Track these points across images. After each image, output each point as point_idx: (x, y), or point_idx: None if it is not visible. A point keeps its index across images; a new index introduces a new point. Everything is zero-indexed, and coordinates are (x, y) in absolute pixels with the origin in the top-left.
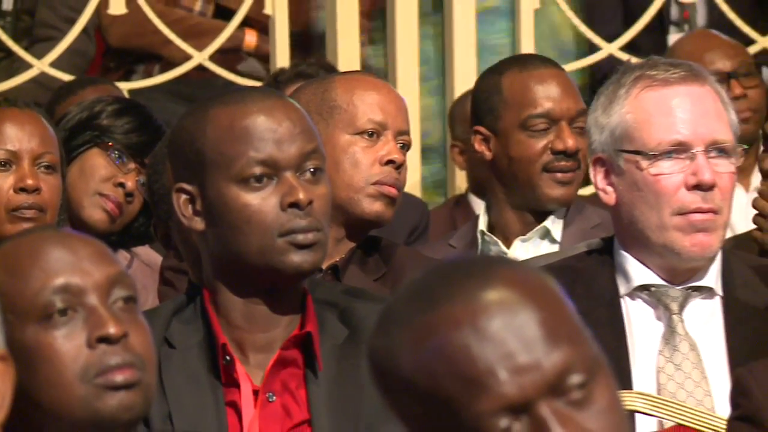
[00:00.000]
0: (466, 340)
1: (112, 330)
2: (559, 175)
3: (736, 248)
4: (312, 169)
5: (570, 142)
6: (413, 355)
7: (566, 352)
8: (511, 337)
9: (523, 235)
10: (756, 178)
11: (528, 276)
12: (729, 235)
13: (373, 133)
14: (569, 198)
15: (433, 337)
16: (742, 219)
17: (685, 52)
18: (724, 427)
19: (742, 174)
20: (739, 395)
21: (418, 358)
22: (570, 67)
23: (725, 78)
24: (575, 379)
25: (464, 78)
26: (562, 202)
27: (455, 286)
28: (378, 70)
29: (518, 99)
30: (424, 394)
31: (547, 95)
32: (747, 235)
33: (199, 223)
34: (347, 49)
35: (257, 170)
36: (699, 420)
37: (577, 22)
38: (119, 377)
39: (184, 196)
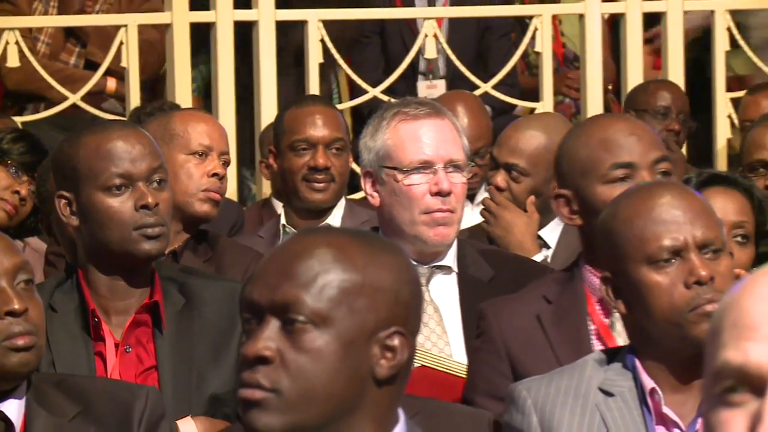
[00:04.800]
0: (268, 254)
1: (16, 306)
2: (315, 184)
3: (470, 237)
4: (158, 180)
5: (320, 161)
6: None
7: (298, 295)
8: (279, 264)
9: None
10: (480, 197)
11: (343, 241)
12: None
13: (202, 153)
14: (324, 201)
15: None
16: (466, 225)
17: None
18: (459, 368)
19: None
20: (479, 321)
21: None
22: (343, 106)
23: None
24: (296, 315)
25: (269, 110)
26: (318, 203)
27: (303, 231)
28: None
29: (290, 127)
30: None
31: (308, 125)
32: (478, 227)
33: (75, 221)
34: (182, 92)
35: (117, 181)
36: (439, 363)
37: (349, 71)
38: (21, 342)
39: (63, 201)
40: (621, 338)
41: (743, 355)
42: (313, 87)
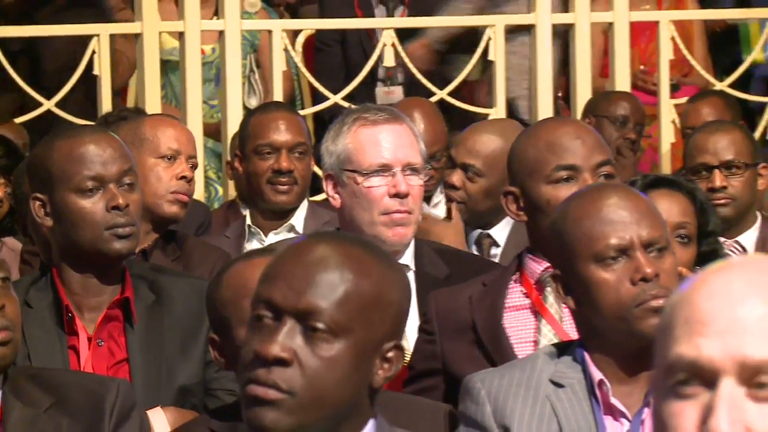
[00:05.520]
0: (285, 255)
1: None
2: (279, 186)
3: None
4: (128, 182)
5: (284, 164)
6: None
7: (321, 304)
8: (301, 270)
9: (275, 229)
10: (435, 199)
11: (361, 255)
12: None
13: (171, 157)
14: (288, 203)
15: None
16: None
17: None
18: None
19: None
20: (426, 306)
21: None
22: (305, 112)
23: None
24: (317, 323)
25: (235, 117)
26: (282, 205)
27: (317, 236)
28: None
29: (255, 132)
30: None
31: (272, 130)
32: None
33: (49, 222)
34: (152, 100)
35: (89, 183)
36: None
37: (311, 78)
38: None
39: (38, 203)
40: (553, 309)
41: (696, 350)
42: (277, 94)
